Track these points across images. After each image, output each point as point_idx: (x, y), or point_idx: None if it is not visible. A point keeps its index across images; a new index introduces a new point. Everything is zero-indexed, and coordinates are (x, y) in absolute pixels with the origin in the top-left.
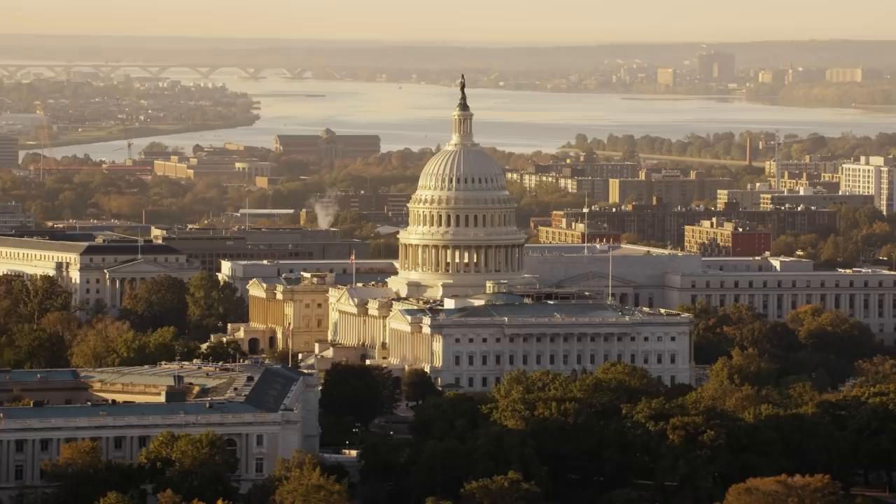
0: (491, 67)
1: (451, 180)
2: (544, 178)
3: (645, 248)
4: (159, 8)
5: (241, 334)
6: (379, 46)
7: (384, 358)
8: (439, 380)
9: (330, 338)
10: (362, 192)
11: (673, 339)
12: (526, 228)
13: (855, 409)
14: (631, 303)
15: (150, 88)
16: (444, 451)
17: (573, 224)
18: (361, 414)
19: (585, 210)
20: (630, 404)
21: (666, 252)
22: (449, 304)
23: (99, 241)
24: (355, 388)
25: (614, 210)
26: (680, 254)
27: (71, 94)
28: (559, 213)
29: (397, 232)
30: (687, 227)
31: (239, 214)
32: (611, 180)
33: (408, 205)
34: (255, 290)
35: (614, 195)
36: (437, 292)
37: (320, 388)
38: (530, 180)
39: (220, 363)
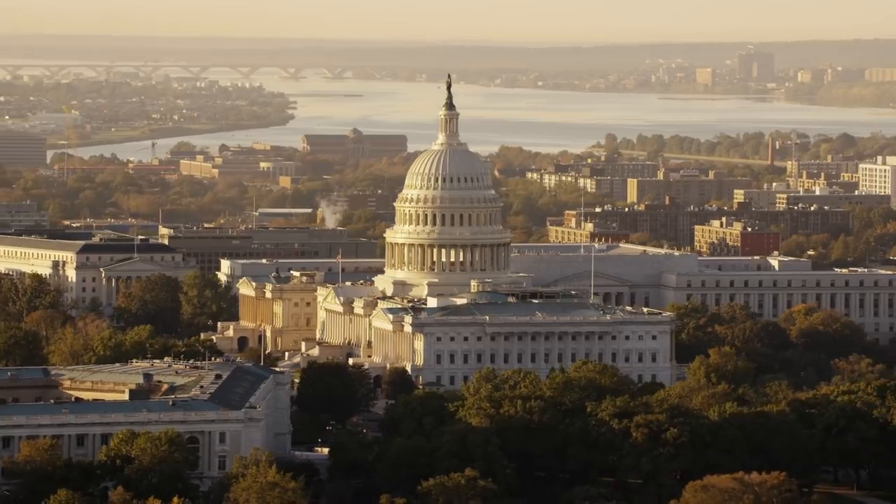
0: (531, 67)
1: (436, 179)
2: (564, 178)
3: (642, 248)
4: (201, 9)
5: (230, 333)
6: (419, 46)
7: (368, 356)
8: (421, 378)
9: (318, 336)
10: (379, 191)
11: (654, 337)
12: (540, 228)
13: (824, 407)
14: (626, 302)
15: (187, 88)
16: (408, 449)
17: (582, 223)
18: (338, 412)
19: (598, 209)
20: (595, 402)
21: (662, 252)
22: (432, 302)
23: (96, 240)
24: (331, 387)
25: (626, 210)
26: (676, 253)
27: (108, 94)
28: (571, 213)
29: None
30: (697, 227)
31: (257, 214)
32: (629, 180)
33: (394, 203)
34: (245, 288)
35: (632, 195)
36: (422, 291)
37: (291, 386)
38: (550, 180)
39: (191, 361)
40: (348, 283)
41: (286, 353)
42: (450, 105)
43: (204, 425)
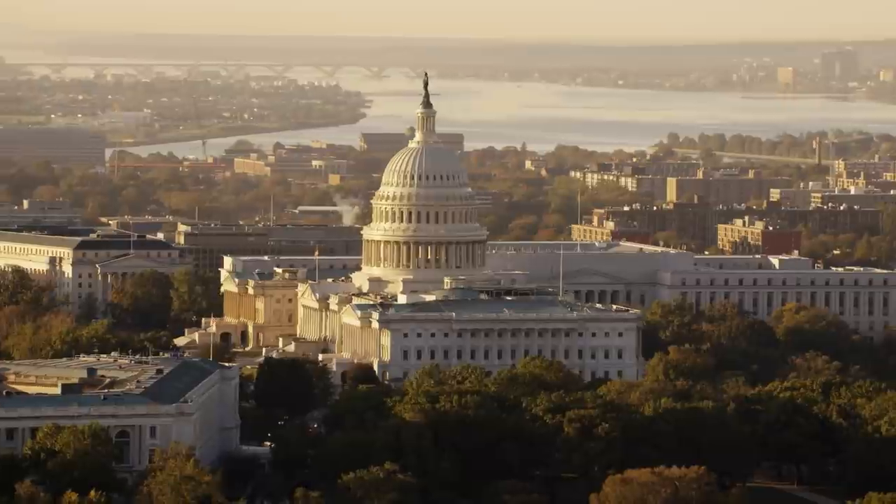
0: (613, 66)
1: (412, 177)
2: (606, 177)
3: (639, 246)
4: (285, 7)
5: (212, 328)
6: (503, 45)
7: (340, 352)
8: (388, 374)
9: (298, 333)
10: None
11: (620, 334)
12: (569, 225)
13: (767, 404)
14: (622, 300)
15: (264, 87)
16: (344, 443)
17: (603, 222)
18: (296, 408)
19: (626, 208)
20: (531, 397)
21: (658, 250)
22: (402, 299)
23: (93, 236)
24: (288, 383)
25: (655, 208)
26: (672, 251)
27: (186, 93)
28: (600, 211)
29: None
30: (720, 226)
31: (297, 211)
32: (668, 179)
33: (371, 201)
34: (229, 285)
35: (671, 194)
36: (397, 288)
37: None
38: (592, 179)
39: (137, 356)
40: (330, 280)
41: (264, 349)
42: (427, 103)
43: (134, 419)
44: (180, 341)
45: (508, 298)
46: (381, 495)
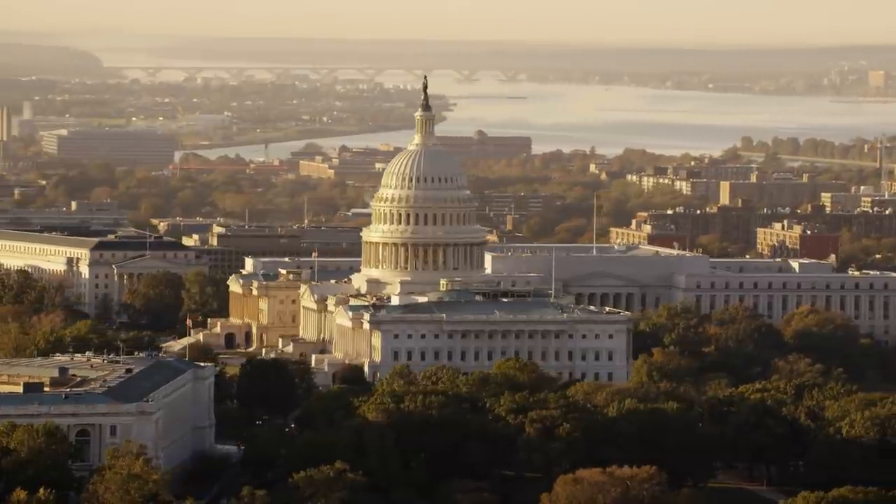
0: (703, 69)
1: (411, 179)
2: (661, 181)
3: (655, 249)
4: (375, 11)
5: (217, 329)
6: (595, 48)
7: (334, 353)
8: (378, 375)
9: (300, 333)
10: (467, 192)
11: (610, 336)
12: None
13: (739, 405)
14: (637, 303)
15: (349, 91)
16: (310, 443)
17: (641, 225)
18: (278, 408)
19: (669, 211)
20: (494, 398)
21: (674, 253)
22: (395, 300)
23: (111, 237)
24: (269, 383)
25: (698, 212)
26: (688, 255)
27: (271, 97)
28: (643, 214)
29: (490, 231)
30: (759, 230)
31: (350, 214)
32: (721, 182)
33: (371, 203)
34: (234, 286)
35: (724, 197)
36: (395, 289)
37: (211, 381)
38: (648, 182)
39: (111, 355)
40: (333, 281)
41: (263, 350)
42: (426, 106)
43: (94, 418)
44: (185, 342)
45: (504, 300)
46: (330, 494)
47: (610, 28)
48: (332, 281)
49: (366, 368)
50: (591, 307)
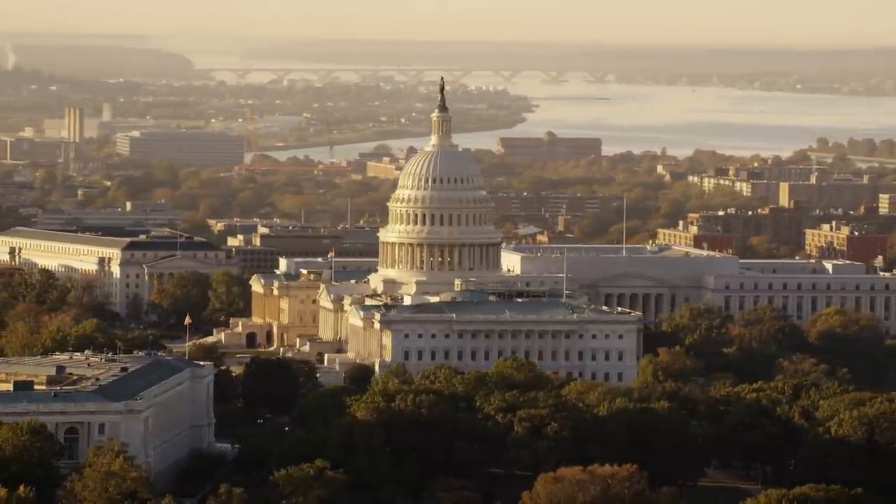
0: (792, 70)
1: (427, 180)
2: (721, 182)
3: (685, 250)
4: (461, 12)
5: (239, 329)
6: (683, 49)
7: (347, 353)
8: None
9: (319, 333)
10: (525, 193)
11: (620, 336)
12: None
13: (735, 404)
14: (666, 304)
15: (432, 92)
16: (300, 441)
17: (688, 227)
18: (281, 407)
19: (720, 213)
20: (484, 397)
21: (704, 254)
22: (407, 300)
23: (143, 237)
24: (273, 382)
25: (750, 213)
26: (718, 255)
27: (354, 98)
28: (694, 215)
29: (541, 232)
30: (808, 231)
31: None
32: (781, 184)
33: (388, 204)
34: (256, 285)
35: (784, 199)
36: (411, 289)
37: (210, 380)
38: (709, 183)
39: (109, 354)
40: (353, 281)
41: (281, 349)
42: (442, 107)
43: (83, 416)
44: (207, 340)
45: (519, 300)
46: (309, 492)
47: (700, 29)
48: (353, 281)
49: (377, 368)
50: (604, 307)
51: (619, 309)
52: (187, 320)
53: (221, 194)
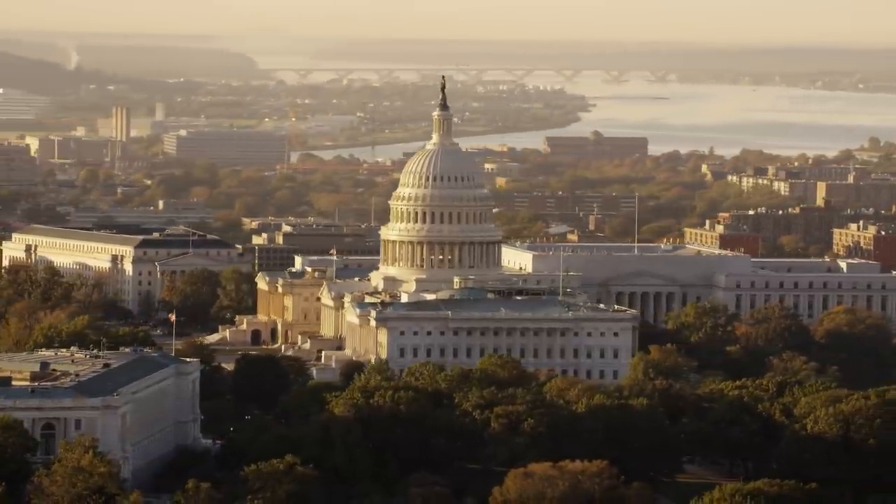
0: (855, 69)
1: (428, 178)
2: (760, 181)
3: (697, 249)
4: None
5: (244, 326)
6: (746, 48)
7: (345, 350)
8: None
9: (321, 330)
10: (560, 192)
11: (616, 334)
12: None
13: (717, 401)
14: (678, 303)
15: (489, 91)
16: (279, 437)
17: (715, 226)
18: (270, 403)
19: (751, 212)
20: (462, 394)
21: (716, 252)
22: (404, 297)
23: (156, 235)
24: (262, 378)
25: (780, 212)
26: (730, 254)
27: (410, 97)
28: (724, 215)
29: (571, 231)
30: (835, 230)
31: None
32: (819, 183)
33: (389, 202)
34: (261, 283)
35: (821, 198)
36: (411, 287)
37: (196, 376)
38: (747, 182)
39: (94, 350)
40: (357, 279)
41: (282, 346)
42: (443, 106)
43: (59, 412)
44: (214, 337)
45: (518, 298)
46: (278, 487)
47: (763, 28)
48: (357, 279)
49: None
50: (601, 305)
51: (616, 307)
52: (172, 317)
53: (258, 193)
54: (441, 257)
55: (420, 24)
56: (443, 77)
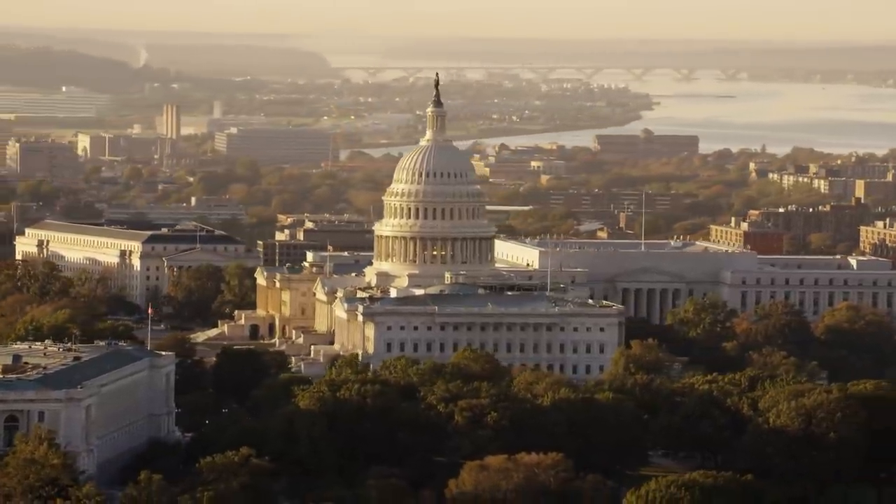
0: None
1: (421, 174)
2: (800, 179)
3: (705, 245)
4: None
5: (242, 321)
6: (818, 46)
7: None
8: (371, 366)
9: (315, 325)
10: (596, 190)
11: (602, 329)
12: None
13: (689, 395)
14: (683, 299)
15: (553, 90)
16: (245, 430)
17: (740, 223)
18: (248, 396)
19: (781, 210)
20: (428, 387)
21: (722, 249)
22: (393, 293)
23: (164, 230)
24: (241, 371)
25: (811, 210)
26: (736, 251)
27: (473, 95)
28: (755, 212)
29: (600, 228)
30: (862, 228)
31: None
32: (856, 181)
33: (383, 198)
34: (260, 278)
35: (860, 195)
36: (403, 282)
37: (171, 369)
38: (788, 181)
39: (68, 343)
40: (353, 274)
41: (277, 341)
42: (437, 102)
43: (23, 405)
44: (212, 332)
45: (509, 294)
46: (233, 479)
47: (837, 26)
48: (353, 274)
49: (359, 360)
50: (589, 300)
51: (603, 302)
52: (150, 310)
53: (298, 190)
54: (434, 253)
55: (489, 23)
56: (437, 74)
